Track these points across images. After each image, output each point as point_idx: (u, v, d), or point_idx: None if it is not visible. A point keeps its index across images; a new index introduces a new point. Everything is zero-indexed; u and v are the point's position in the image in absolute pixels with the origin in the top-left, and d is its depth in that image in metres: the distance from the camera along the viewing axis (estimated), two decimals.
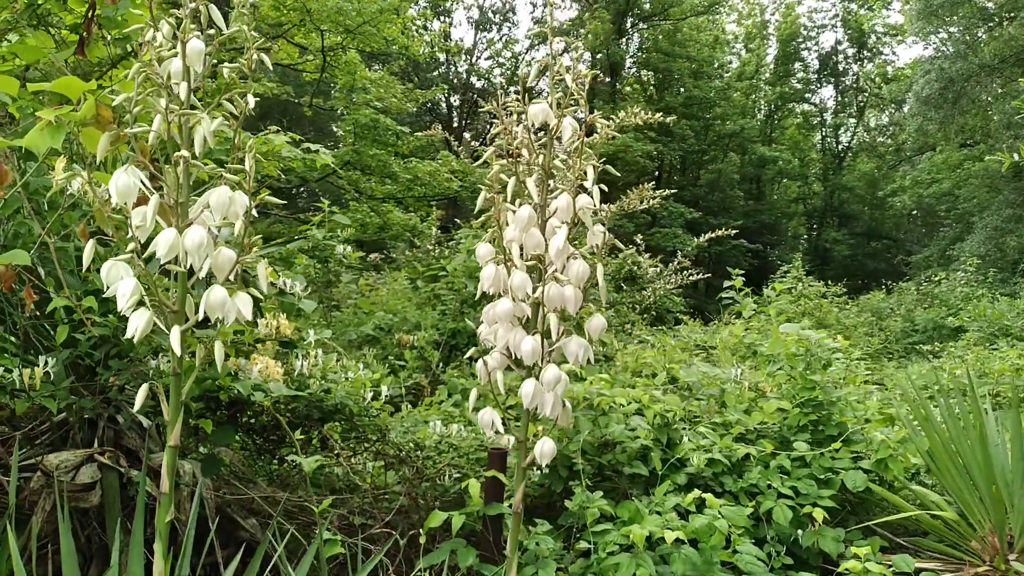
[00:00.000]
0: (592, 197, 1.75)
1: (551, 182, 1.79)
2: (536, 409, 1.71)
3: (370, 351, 5.32)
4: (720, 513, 2.83)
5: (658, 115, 5.79)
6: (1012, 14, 18.02)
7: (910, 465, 3.57)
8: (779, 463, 3.34)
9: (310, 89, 17.50)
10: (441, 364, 4.91)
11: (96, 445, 2.36)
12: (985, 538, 3.20)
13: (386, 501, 3.01)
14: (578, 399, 3.22)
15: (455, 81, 31.22)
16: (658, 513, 2.87)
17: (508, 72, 31.32)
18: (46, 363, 2.19)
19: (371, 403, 2.70)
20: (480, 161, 1.89)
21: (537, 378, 1.67)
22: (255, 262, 1.58)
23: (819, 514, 3.11)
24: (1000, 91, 20.08)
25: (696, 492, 2.89)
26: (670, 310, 15.68)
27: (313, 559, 2.21)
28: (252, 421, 2.72)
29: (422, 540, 2.66)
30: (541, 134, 1.79)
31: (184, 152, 1.54)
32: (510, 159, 1.70)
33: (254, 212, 1.58)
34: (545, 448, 1.71)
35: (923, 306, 15.56)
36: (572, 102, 1.74)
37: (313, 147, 5.61)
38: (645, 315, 10.13)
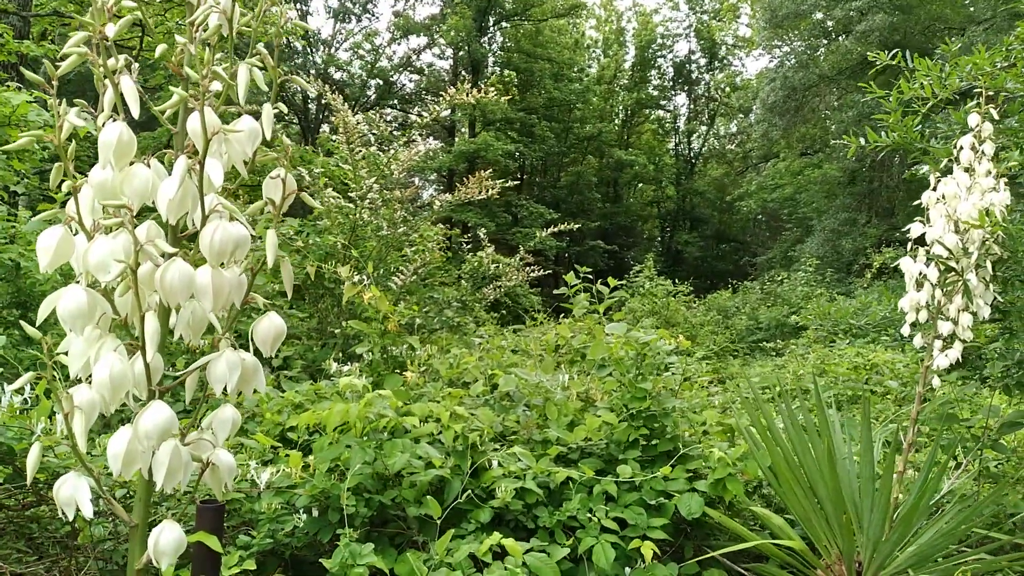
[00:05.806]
0: (263, 119, 1.08)
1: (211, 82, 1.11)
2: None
3: None
4: (524, 563, 2.24)
5: (493, 93, 5.13)
6: (848, 29, 18.98)
7: (750, 479, 3.15)
8: (603, 488, 2.80)
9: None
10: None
11: None
12: (832, 566, 2.81)
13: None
14: (358, 421, 2.54)
15: (312, 72, 29.64)
16: (448, 566, 2.25)
17: (368, 65, 30.21)
18: None
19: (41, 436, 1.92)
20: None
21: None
22: None
23: (648, 549, 2.60)
24: (836, 102, 21.22)
25: (496, 536, 2.29)
26: (527, 309, 15.32)
27: None
28: None
29: None
30: None
31: None
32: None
33: None
34: (164, 540, 1.03)
35: (767, 304, 16.01)
36: None
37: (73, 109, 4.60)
38: (493, 313, 9.59)
